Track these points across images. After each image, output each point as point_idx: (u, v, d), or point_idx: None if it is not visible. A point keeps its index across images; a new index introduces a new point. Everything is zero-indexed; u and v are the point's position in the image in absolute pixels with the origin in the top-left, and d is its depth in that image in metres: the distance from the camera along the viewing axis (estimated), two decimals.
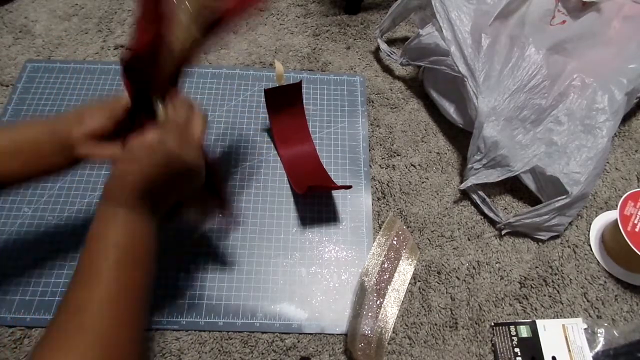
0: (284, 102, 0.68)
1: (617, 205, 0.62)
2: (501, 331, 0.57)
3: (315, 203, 0.66)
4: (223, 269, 0.60)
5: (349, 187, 0.61)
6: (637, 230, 0.60)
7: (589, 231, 0.66)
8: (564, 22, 0.70)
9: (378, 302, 0.56)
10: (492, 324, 0.59)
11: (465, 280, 0.62)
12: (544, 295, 0.61)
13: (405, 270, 0.60)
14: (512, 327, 0.57)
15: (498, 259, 0.63)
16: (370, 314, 0.55)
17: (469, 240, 0.65)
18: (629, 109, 0.68)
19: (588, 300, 0.61)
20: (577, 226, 0.66)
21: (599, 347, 0.56)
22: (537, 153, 0.64)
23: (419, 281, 0.61)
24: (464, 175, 0.67)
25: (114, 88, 0.73)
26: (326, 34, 0.83)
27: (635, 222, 0.60)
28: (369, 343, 0.54)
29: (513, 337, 0.56)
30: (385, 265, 0.59)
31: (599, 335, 0.56)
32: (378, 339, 0.54)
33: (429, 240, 0.64)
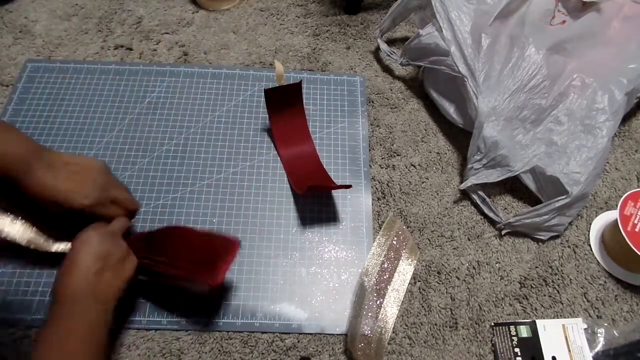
0: (284, 102, 0.68)
1: (617, 205, 0.62)
2: (501, 331, 0.57)
3: (315, 203, 0.66)
4: None
5: (348, 186, 0.61)
6: (637, 230, 0.60)
7: (589, 231, 0.66)
8: (564, 22, 0.70)
9: (378, 302, 0.56)
10: (492, 324, 0.59)
11: (465, 280, 0.62)
12: (544, 295, 0.61)
13: (405, 270, 0.60)
14: (512, 327, 0.57)
15: (498, 259, 0.63)
16: (370, 314, 0.55)
17: (469, 240, 0.65)
18: (629, 109, 0.68)
19: (588, 300, 0.61)
20: (577, 226, 0.66)
21: (599, 347, 0.56)
22: (537, 153, 0.64)
23: (419, 281, 0.62)
24: (464, 175, 0.67)
25: (113, 88, 0.73)
26: (326, 34, 0.83)
27: (635, 222, 0.60)
28: (369, 343, 0.54)
29: (513, 337, 0.56)
30: (385, 265, 0.59)
31: (599, 335, 0.56)
32: (378, 339, 0.54)
33: (429, 240, 0.64)
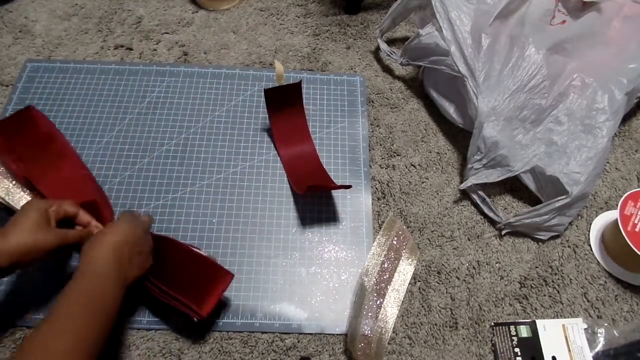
0: (284, 102, 0.68)
1: (617, 205, 0.62)
2: (501, 331, 0.57)
3: (315, 203, 0.66)
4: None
5: (348, 186, 0.61)
6: (637, 230, 0.60)
7: (589, 231, 0.66)
8: (564, 22, 0.70)
9: (378, 302, 0.56)
10: (492, 324, 0.59)
11: (465, 280, 0.62)
12: (544, 295, 0.61)
13: (405, 270, 0.60)
14: (512, 327, 0.57)
15: (498, 259, 0.63)
16: (370, 314, 0.55)
17: (469, 240, 0.65)
18: (629, 109, 0.68)
19: (588, 300, 0.61)
20: (577, 226, 0.66)
21: (599, 347, 0.56)
22: (537, 153, 0.64)
23: (419, 281, 0.61)
24: (464, 175, 0.67)
25: (113, 88, 0.73)
26: (326, 34, 0.83)
27: (636, 222, 0.60)
28: (369, 343, 0.54)
29: (513, 337, 0.56)
30: (385, 265, 0.59)
31: (599, 335, 0.56)
32: (378, 339, 0.54)
33: (429, 240, 0.64)
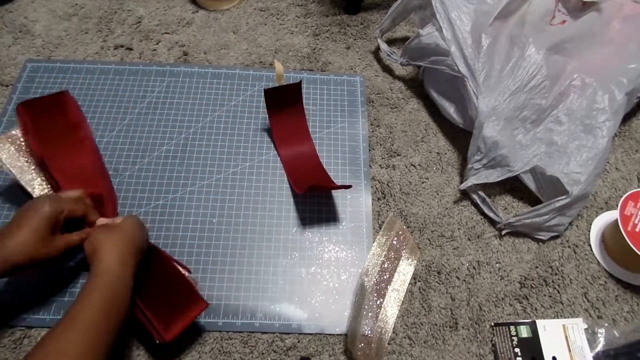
0: (284, 102, 0.68)
1: (617, 205, 0.62)
2: (501, 331, 0.57)
3: (315, 203, 0.66)
4: (223, 269, 0.60)
5: (348, 186, 0.61)
6: (637, 230, 0.60)
7: (589, 231, 0.66)
8: (564, 22, 0.70)
9: (378, 302, 0.56)
10: (492, 324, 0.59)
11: (465, 280, 0.62)
12: (544, 295, 0.61)
13: (405, 270, 0.60)
14: (512, 327, 0.57)
15: (498, 259, 0.63)
16: (370, 314, 0.55)
17: (469, 240, 0.65)
18: (629, 109, 0.68)
19: (588, 301, 0.61)
20: (577, 226, 0.66)
21: (599, 347, 0.56)
22: (537, 153, 0.64)
23: (419, 281, 0.61)
24: (464, 175, 0.67)
25: (113, 88, 0.73)
26: (326, 34, 0.83)
27: (636, 222, 0.60)
28: (369, 343, 0.54)
29: (513, 337, 0.56)
30: (385, 265, 0.59)
31: (599, 335, 0.56)
32: (378, 339, 0.54)
33: (429, 240, 0.64)
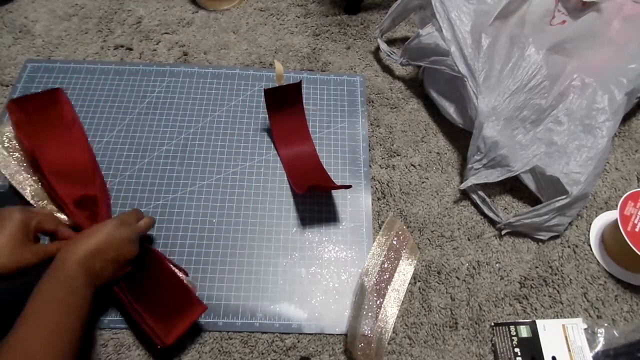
0: (284, 102, 0.68)
1: (617, 205, 0.62)
2: (501, 331, 0.57)
3: (315, 203, 0.66)
4: (223, 269, 0.60)
5: (348, 186, 0.61)
6: (637, 230, 0.60)
7: (589, 231, 0.66)
8: (564, 22, 0.70)
9: (378, 302, 0.56)
10: (492, 324, 0.59)
11: (465, 280, 0.62)
12: (544, 295, 0.61)
13: (405, 270, 0.60)
14: (512, 327, 0.57)
15: (498, 259, 0.63)
16: (370, 314, 0.55)
17: (469, 240, 0.65)
18: (629, 109, 0.68)
19: (588, 300, 0.61)
20: (577, 226, 0.66)
21: (599, 347, 0.56)
22: (537, 153, 0.64)
23: (419, 281, 0.61)
24: (464, 175, 0.67)
25: (113, 88, 0.73)
26: (326, 34, 0.83)
27: (635, 222, 0.60)
28: (369, 343, 0.54)
29: (513, 337, 0.56)
30: (385, 265, 0.59)
31: (599, 335, 0.56)
32: (378, 339, 0.54)
33: (429, 240, 0.64)
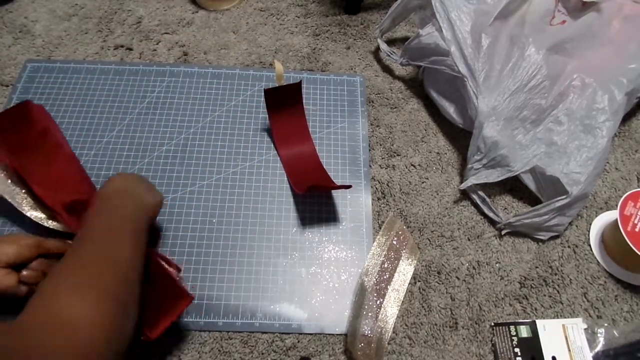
0: (284, 102, 0.68)
1: (617, 205, 0.62)
2: (501, 331, 0.57)
3: (315, 203, 0.66)
4: (223, 269, 0.60)
5: (348, 186, 0.61)
6: (637, 230, 0.60)
7: (589, 231, 0.66)
8: (564, 22, 0.70)
9: (378, 302, 0.56)
10: (492, 324, 0.59)
11: (465, 280, 0.62)
12: (544, 295, 0.61)
13: (405, 270, 0.60)
14: (512, 327, 0.57)
15: (498, 259, 0.63)
16: (370, 314, 0.55)
17: (469, 240, 0.65)
18: (629, 109, 0.68)
19: (588, 300, 0.61)
20: (577, 226, 0.66)
21: (599, 347, 0.56)
22: (537, 153, 0.64)
23: (419, 281, 0.61)
24: (464, 175, 0.67)
25: (113, 88, 0.73)
26: (326, 34, 0.83)
27: (635, 222, 0.60)
28: (369, 343, 0.54)
29: (513, 337, 0.56)
30: (385, 265, 0.59)
31: (599, 335, 0.56)
32: (378, 339, 0.54)
33: (429, 240, 0.64)
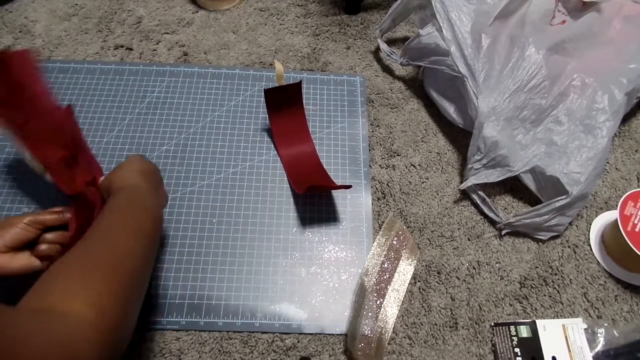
0: (284, 102, 0.68)
1: (617, 205, 0.61)
2: (501, 331, 0.57)
3: (315, 203, 0.66)
4: (223, 269, 0.60)
5: (348, 186, 0.61)
6: (637, 230, 0.60)
7: (589, 231, 0.66)
8: (564, 22, 0.70)
9: (378, 302, 0.56)
10: (492, 324, 0.59)
11: (465, 280, 0.62)
12: (544, 295, 0.61)
13: (405, 270, 0.60)
14: (512, 327, 0.57)
15: (498, 259, 0.63)
16: (370, 314, 0.55)
17: (469, 240, 0.65)
18: (629, 109, 0.68)
19: (588, 300, 0.61)
20: (577, 226, 0.66)
21: (599, 347, 0.56)
22: (537, 153, 0.64)
23: (419, 281, 0.61)
24: (464, 175, 0.67)
25: (113, 88, 0.73)
26: (326, 34, 0.83)
27: (635, 222, 0.60)
28: (369, 343, 0.54)
29: (513, 337, 0.56)
30: (385, 265, 0.59)
31: (599, 335, 0.56)
32: (378, 339, 0.54)
33: (429, 240, 0.64)
